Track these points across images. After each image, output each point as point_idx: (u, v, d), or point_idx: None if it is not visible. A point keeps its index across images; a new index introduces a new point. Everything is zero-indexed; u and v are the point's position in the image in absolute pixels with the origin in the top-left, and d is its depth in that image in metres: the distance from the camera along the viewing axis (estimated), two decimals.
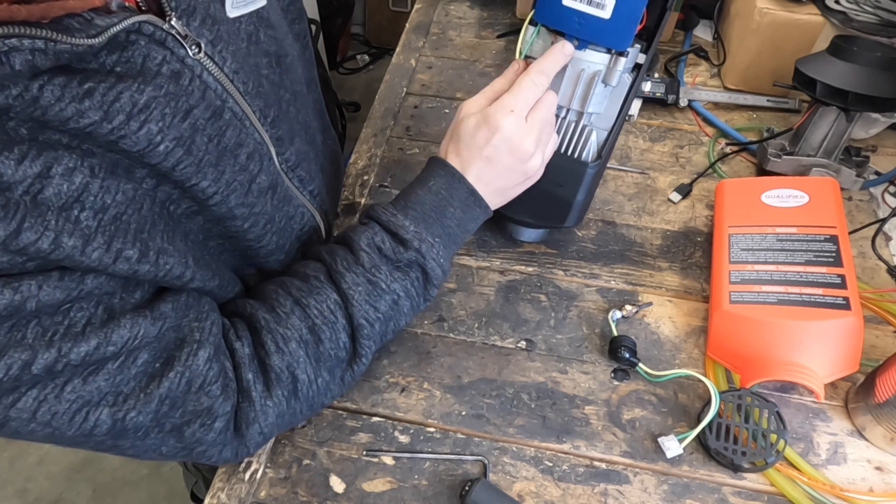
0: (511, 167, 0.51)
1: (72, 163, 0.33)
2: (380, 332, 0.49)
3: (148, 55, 0.36)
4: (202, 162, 0.40)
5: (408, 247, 0.48)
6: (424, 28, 0.98)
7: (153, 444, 0.42)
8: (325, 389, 0.49)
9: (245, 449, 0.46)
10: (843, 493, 0.48)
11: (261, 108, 0.46)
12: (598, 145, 0.57)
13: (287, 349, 0.46)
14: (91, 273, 0.36)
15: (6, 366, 0.32)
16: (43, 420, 0.35)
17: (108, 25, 0.32)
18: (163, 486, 1.46)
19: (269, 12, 0.49)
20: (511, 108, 0.49)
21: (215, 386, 0.43)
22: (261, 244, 0.50)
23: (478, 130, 0.50)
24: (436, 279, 0.50)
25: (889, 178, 0.71)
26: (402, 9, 2.24)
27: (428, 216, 0.50)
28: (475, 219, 0.52)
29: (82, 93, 0.33)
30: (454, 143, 0.52)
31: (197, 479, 0.99)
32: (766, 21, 0.76)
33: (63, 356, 0.34)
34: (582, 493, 0.50)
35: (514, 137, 0.49)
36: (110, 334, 0.36)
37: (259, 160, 0.46)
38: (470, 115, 0.51)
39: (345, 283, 0.47)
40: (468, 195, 0.51)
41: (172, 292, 0.42)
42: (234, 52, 0.42)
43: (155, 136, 0.36)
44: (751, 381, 0.53)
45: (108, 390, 0.37)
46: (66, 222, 0.33)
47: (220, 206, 0.43)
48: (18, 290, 0.32)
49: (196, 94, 0.39)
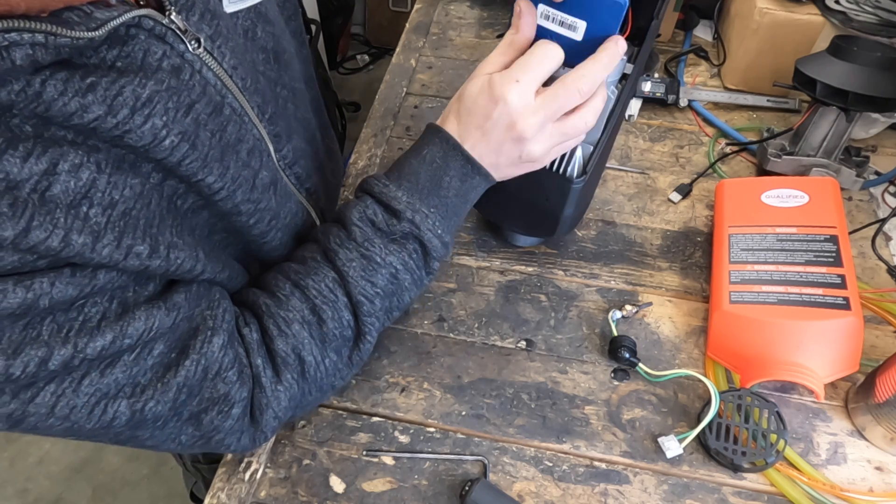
0: (504, 144, 0.47)
1: (78, 159, 0.33)
2: (382, 307, 0.48)
3: (148, 50, 0.36)
4: (207, 157, 0.40)
5: (401, 218, 0.47)
6: (424, 28, 0.98)
7: (172, 434, 0.42)
8: (333, 370, 0.48)
9: (262, 435, 0.46)
10: (843, 493, 0.48)
11: (259, 105, 0.46)
12: (583, 160, 0.54)
13: (290, 331, 0.46)
14: (103, 269, 0.36)
15: (23, 363, 0.32)
16: (62, 414, 0.35)
17: (107, 19, 0.32)
18: (163, 486, 1.46)
19: (267, 8, 0.49)
20: (516, 78, 0.44)
21: (231, 372, 0.43)
22: (265, 240, 0.50)
23: (479, 97, 0.46)
24: (435, 251, 0.48)
25: (889, 178, 0.71)
26: (402, 9, 2.24)
27: (422, 186, 0.48)
28: (475, 188, 0.50)
29: (85, 87, 0.32)
30: (456, 106, 0.48)
31: (196, 479, 0.99)
32: (766, 21, 0.76)
33: (79, 351, 0.34)
34: (582, 493, 0.50)
35: (513, 113, 0.45)
36: (126, 327, 0.37)
37: (259, 156, 0.46)
38: (476, 78, 0.47)
39: (339, 259, 0.47)
40: (464, 163, 0.48)
41: (184, 283, 0.42)
42: (233, 48, 0.42)
43: (160, 130, 0.36)
44: (751, 381, 0.53)
45: (126, 382, 0.38)
46: (76, 219, 0.33)
47: (226, 201, 0.43)
48: (31, 288, 0.32)
49: (197, 88, 0.39)
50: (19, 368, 0.32)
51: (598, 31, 0.44)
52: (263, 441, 0.47)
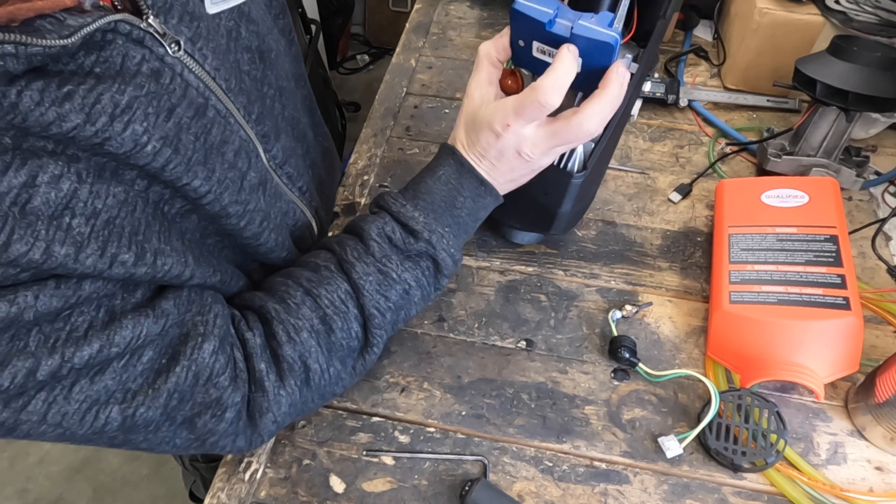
0: (516, 167, 0.49)
1: (58, 170, 0.33)
2: (391, 321, 0.49)
3: (126, 55, 0.36)
4: (191, 161, 0.40)
5: (418, 238, 0.48)
6: (424, 28, 0.98)
7: (166, 437, 0.42)
8: (336, 379, 0.49)
9: (259, 437, 0.47)
10: (843, 493, 0.48)
11: (244, 105, 0.46)
12: (584, 156, 0.55)
13: (299, 339, 0.46)
14: (88, 278, 0.36)
15: (11, 375, 0.32)
16: (54, 421, 0.35)
17: (80, 25, 0.32)
18: (163, 486, 1.46)
19: (251, 7, 0.48)
20: (507, 123, 0.45)
21: (223, 377, 0.43)
22: (259, 241, 0.50)
23: (483, 131, 0.47)
24: (446, 269, 0.49)
25: (889, 178, 0.70)
26: (402, 9, 2.24)
27: (437, 206, 0.49)
28: (486, 207, 0.51)
29: (62, 96, 0.32)
30: (463, 135, 0.49)
31: (195, 478, 0.99)
32: (766, 21, 0.76)
33: (67, 361, 0.34)
34: (582, 493, 0.50)
35: (518, 143, 0.46)
36: (113, 336, 0.36)
37: (247, 157, 0.46)
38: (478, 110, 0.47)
39: (355, 272, 0.47)
40: (478, 185, 0.49)
41: (174, 289, 0.42)
42: (215, 49, 0.42)
43: (141, 136, 0.36)
44: (751, 381, 0.53)
45: (116, 388, 0.38)
46: (58, 230, 0.33)
47: (213, 204, 0.43)
48: (14, 301, 0.32)
49: (178, 92, 0.39)
50: (7, 379, 0.32)
51: (594, 65, 0.44)
52: (260, 443, 0.47)
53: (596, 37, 0.42)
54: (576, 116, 0.44)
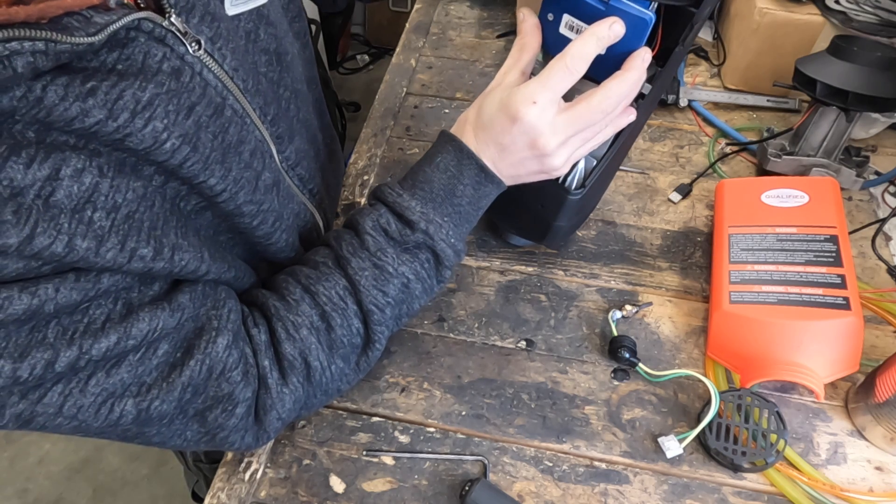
0: (525, 160, 0.47)
1: (80, 163, 0.33)
2: (392, 316, 0.48)
3: (148, 52, 0.36)
4: (209, 159, 0.40)
5: (414, 228, 0.47)
6: (424, 28, 0.98)
7: (178, 430, 0.42)
8: (339, 376, 0.49)
9: (266, 434, 0.47)
10: (843, 493, 0.48)
11: (261, 106, 0.46)
12: (584, 173, 0.54)
13: (298, 336, 0.46)
14: (107, 272, 0.36)
15: (30, 366, 0.33)
16: (69, 414, 0.36)
17: (107, 23, 0.32)
18: (163, 486, 1.46)
19: (269, 10, 0.49)
20: (533, 100, 0.43)
21: (235, 372, 0.43)
22: (270, 241, 0.50)
23: (496, 116, 0.45)
24: (447, 260, 0.48)
25: (889, 178, 0.70)
26: (402, 9, 2.24)
27: (436, 195, 0.48)
28: (488, 195, 0.49)
29: (85, 92, 0.33)
30: (473, 120, 0.48)
31: (198, 478, 0.99)
32: (766, 21, 0.76)
33: (85, 353, 0.35)
34: (582, 493, 0.50)
35: (532, 132, 0.44)
36: (130, 328, 0.37)
37: (262, 158, 0.46)
38: (493, 92, 0.46)
39: (350, 268, 0.47)
40: (479, 172, 0.48)
41: (189, 283, 0.42)
42: (234, 50, 0.42)
43: (161, 133, 0.36)
44: (751, 381, 0.53)
45: (132, 381, 0.38)
46: (80, 224, 0.33)
47: (228, 202, 0.43)
48: (36, 294, 0.32)
49: (197, 91, 0.39)
50: (26, 371, 0.33)
51: (622, 47, 0.43)
52: (267, 440, 0.48)
53: (633, 11, 0.41)
54: (595, 94, 0.44)
